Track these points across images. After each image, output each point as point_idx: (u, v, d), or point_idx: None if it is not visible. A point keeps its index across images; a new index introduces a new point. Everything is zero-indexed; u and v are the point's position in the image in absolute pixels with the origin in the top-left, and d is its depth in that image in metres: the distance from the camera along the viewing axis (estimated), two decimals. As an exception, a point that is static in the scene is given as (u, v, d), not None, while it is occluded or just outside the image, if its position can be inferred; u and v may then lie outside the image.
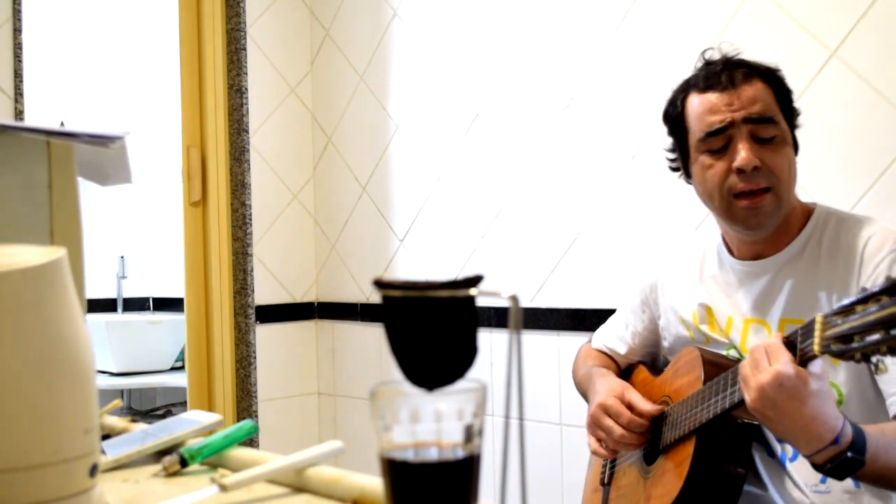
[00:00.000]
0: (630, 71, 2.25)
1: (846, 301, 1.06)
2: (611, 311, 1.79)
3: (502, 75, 2.56)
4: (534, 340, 2.44)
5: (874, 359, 1.01)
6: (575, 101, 2.38)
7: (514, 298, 0.60)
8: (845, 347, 1.04)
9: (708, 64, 1.44)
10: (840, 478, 1.17)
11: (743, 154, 1.33)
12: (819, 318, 1.09)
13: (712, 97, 1.38)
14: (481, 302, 0.60)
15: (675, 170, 1.53)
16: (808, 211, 1.44)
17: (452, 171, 2.71)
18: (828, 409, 1.13)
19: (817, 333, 1.09)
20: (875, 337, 1.00)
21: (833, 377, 1.33)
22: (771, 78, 1.40)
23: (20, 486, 0.62)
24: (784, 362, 1.12)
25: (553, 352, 2.42)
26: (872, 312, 1.01)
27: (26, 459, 0.63)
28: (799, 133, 1.44)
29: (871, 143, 1.83)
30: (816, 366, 1.14)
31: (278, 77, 3.14)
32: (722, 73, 1.39)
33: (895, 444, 1.19)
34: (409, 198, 2.85)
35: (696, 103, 1.40)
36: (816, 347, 1.08)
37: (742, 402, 1.19)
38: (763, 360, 1.14)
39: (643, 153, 2.23)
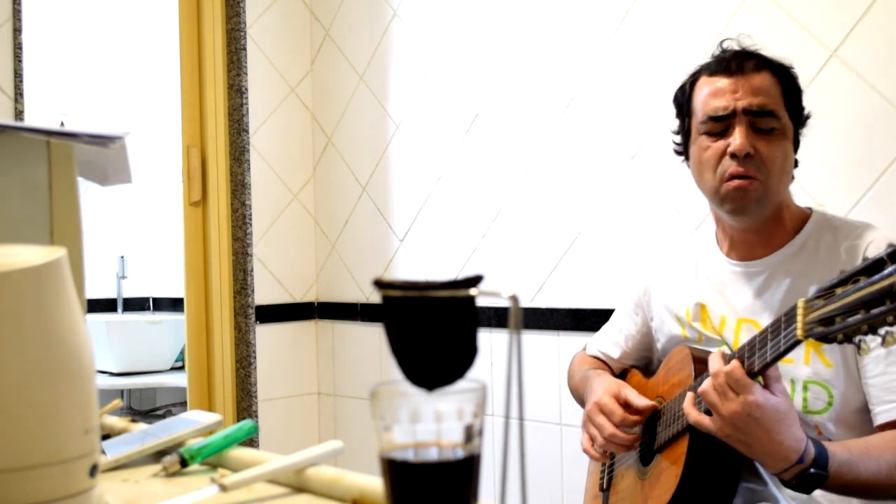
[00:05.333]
0: (630, 71, 2.25)
1: (826, 284, 1.07)
2: (611, 311, 1.79)
3: (502, 75, 2.56)
4: (534, 340, 2.44)
5: (856, 339, 1.02)
6: (575, 101, 2.38)
7: (514, 298, 0.60)
8: (827, 330, 1.05)
9: (723, 51, 1.46)
10: (806, 492, 1.23)
11: (738, 140, 1.36)
12: (801, 303, 1.10)
13: (719, 81, 1.41)
14: (481, 302, 0.60)
15: (679, 153, 1.54)
16: (804, 215, 1.45)
17: (452, 171, 2.71)
18: (792, 431, 1.19)
19: (800, 318, 1.10)
20: (856, 317, 1.01)
21: (825, 378, 1.33)
22: (781, 73, 1.41)
23: (20, 486, 0.62)
24: (752, 391, 1.18)
25: (553, 352, 2.42)
26: (851, 293, 1.02)
27: (26, 459, 0.63)
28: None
29: (871, 143, 1.83)
30: (779, 389, 1.20)
31: (278, 77, 3.14)
32: (732, 60, 1.41)
33: (859, 460, 1.23)
34: (409, 198, 2.85)
35: (704, 86, 1.43)
36: (799, 332, 1.09)
37: None
38: (729, 391, 1.20)
39: (643, 153, 2.23)
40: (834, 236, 1.39)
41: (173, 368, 3.79)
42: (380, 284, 0.60)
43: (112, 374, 3.65)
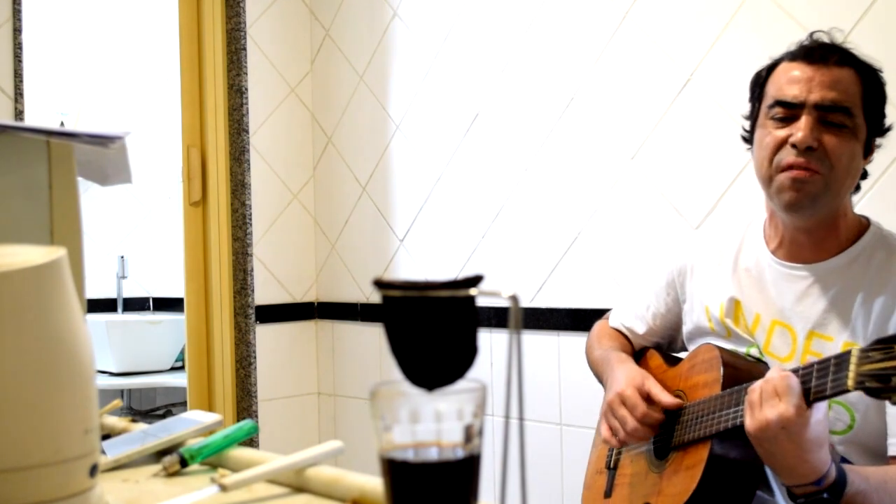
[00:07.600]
0: (630, 71, 2.25)
1: (886, 336, 1.04)
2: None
3: (502, 75, 2.56)
4: (534, 340, 2.44)
5: None
6: (575, 101, 2.38)
7: (514, 298, 0.60)
8: (882, 387, 1.02)
9: (812, 41, 1.41)
10: None
11: (802, 132, 1.29)
12: (855, 352, 1.07)
13: (798, 68, 1.35)
14: (481, 302, 0.60)
15: (745, 140, 1.47)
16: (861, 225, 1.39)
17: (452, 171, 2.71)
18: (820, 454, 1.17)
19: (852, 367, 1.07)
20: None
21: (850, 400, 1.30)
22: (866, 73, 1.35)
23: (20, 486, 0.62)
24: (793, 405, 1.14)
25: (553, 352, 2.42)
26: None
27: (26, 459, 0.62)
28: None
29: (871, 143, 1.82)
30: (821, 410, 1.16)
31: (278, 77, 3.14)
32: (817, 49, 1.36)
33: (874, 492, 1.21)
34: (409, 198, 2.85)
35: (782, 70, 1.38)
36: (850, 382, 1.06)
37: None
38: (773, 397, 1.16)
39: (643, 153, 2.23)
40: (888, 255, 1.34)
41: (173, 368, 3.80)
42: (380, 284, 0.60)
43: (112, 374, 3.65)
